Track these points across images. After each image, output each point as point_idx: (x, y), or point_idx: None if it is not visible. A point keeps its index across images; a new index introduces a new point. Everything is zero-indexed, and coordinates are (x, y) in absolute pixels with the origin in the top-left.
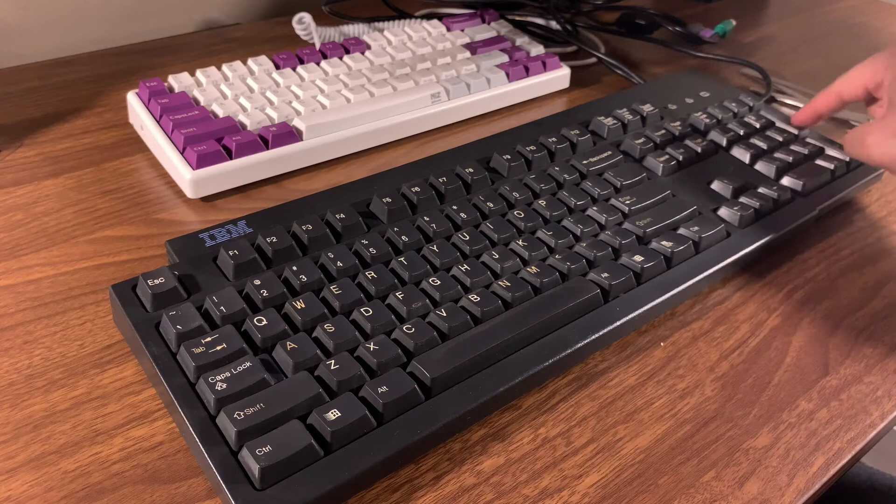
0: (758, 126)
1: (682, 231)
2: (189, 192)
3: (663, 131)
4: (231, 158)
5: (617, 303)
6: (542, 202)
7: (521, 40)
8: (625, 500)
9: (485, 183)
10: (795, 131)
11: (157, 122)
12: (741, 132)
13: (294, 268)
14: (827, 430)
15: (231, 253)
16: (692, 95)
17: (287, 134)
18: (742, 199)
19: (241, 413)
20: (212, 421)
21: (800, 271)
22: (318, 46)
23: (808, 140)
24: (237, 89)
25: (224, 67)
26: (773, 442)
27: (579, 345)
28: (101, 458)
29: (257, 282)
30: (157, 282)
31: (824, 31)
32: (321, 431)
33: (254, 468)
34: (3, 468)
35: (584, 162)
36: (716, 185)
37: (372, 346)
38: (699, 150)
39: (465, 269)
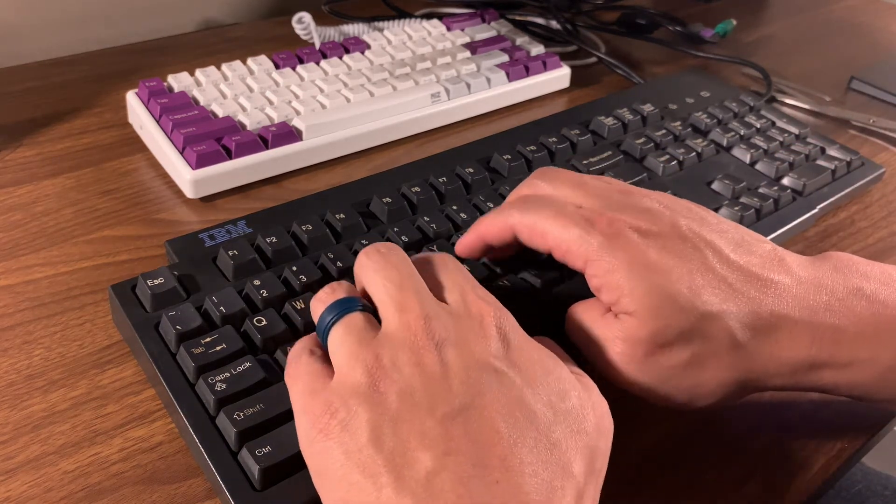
0: (758, 126)
1: None
2: (189, 192)
3: (664, 131)
4: (231, 158)
5: None
6: None
7: (522, 40)
8: (625, 500)
9: (485, 183)
10: (796, 131)
11: (157, 121)
12: (742, 132)
13: (294, 268)
14: (827, 430)
15: (231, 253)
16: (693, 95)
17: (287, 134)
18: (743, 199)
19: (241, 413)
20: (211, 421)
21: None
22: (317, 46)
23: (809, 140)
24: (237, 89)
25: (223, 67)
26: (773, 442)
27: None
28: (100, 458)
29: (257, 282)
30: (156, 282)
31: (824, 31)
32: None
33: (253, 469)
34: (3, 468)
35: (585, 162)
36: (716, 185)
37: None
38: (700, 150)
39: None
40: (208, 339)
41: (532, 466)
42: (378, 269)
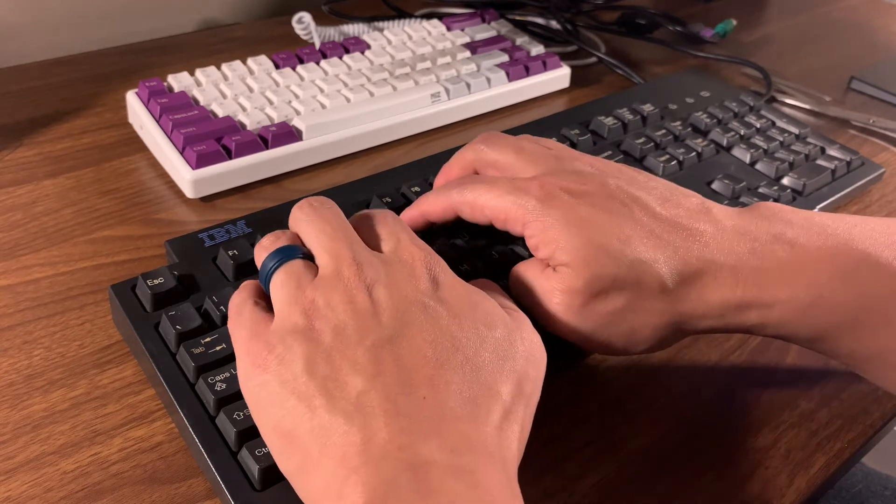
0: (758, 126)
1: None
2: (188, 192)
3: (664, 131)
4: (231, 158)
5: None
6: None
7: (522, 40)
8: (625, 500)
9: None
10: (796, 131)
11: (157, 121)
12: (742, 132)
13: None
14: (827, 431)
15: (231, 253)
16: (693, 95)
17: (287, 134)
18: (742, 199)
19: (241, 413)
20: (211, 421)
21: None
22: (317, 46)
23: (809, 140)
24: (237, 89)
25: (223, 67)
26: (773, 442)
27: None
28: (100, 458)
29: None
30: (156, 282)
31: (824, 31)
32: None
33: (253, 469)
34: (3, 468)
35: None
36: (716, 185)
37: None
38: (700, 150)
39: (466, 268)
40: (208, 339)
41: (457, 385)
42: (311, 220)
